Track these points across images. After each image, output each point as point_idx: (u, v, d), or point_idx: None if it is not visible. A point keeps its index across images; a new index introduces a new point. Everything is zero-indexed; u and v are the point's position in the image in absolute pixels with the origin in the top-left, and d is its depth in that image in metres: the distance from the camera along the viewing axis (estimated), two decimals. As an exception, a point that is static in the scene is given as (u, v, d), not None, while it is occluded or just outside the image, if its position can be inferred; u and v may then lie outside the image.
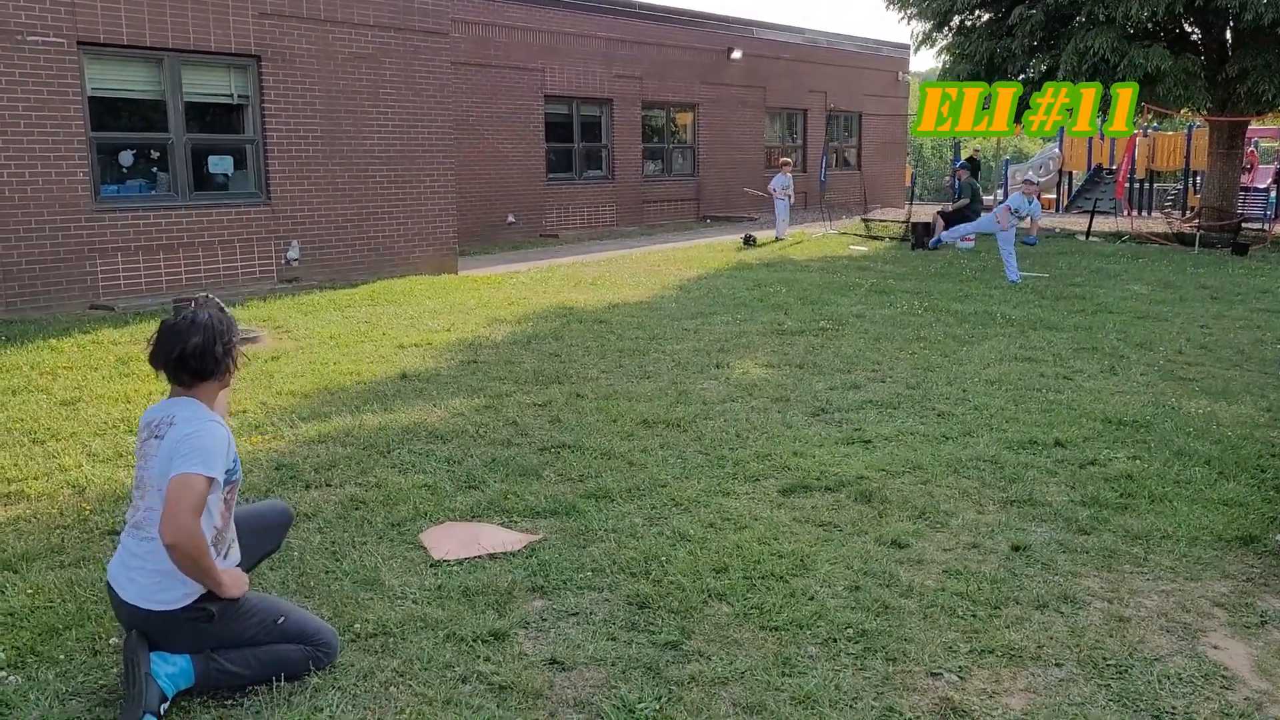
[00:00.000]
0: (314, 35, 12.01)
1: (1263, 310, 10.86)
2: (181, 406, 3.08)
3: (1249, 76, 17.23)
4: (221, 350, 3.10)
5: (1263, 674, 3.34)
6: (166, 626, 3.03)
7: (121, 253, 10.69)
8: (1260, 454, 5.64)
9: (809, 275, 13.58)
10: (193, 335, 3.05)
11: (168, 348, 3.07)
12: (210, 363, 3.08)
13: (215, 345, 3.08)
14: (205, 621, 3.04)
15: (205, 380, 3.11)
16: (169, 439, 3.00)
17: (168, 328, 3.10)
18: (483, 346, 8.57)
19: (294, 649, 3.15)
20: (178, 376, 3.10)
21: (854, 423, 6.24)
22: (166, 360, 3.08)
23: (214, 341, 3.08)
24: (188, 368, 3.07)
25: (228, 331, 3.14)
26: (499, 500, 4.83)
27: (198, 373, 3.08)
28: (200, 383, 3.11)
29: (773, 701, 3.09)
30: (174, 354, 3.06)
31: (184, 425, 3.01)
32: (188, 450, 2.94)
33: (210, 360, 3.08)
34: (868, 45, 29.33)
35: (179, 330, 3.07)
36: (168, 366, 3.09)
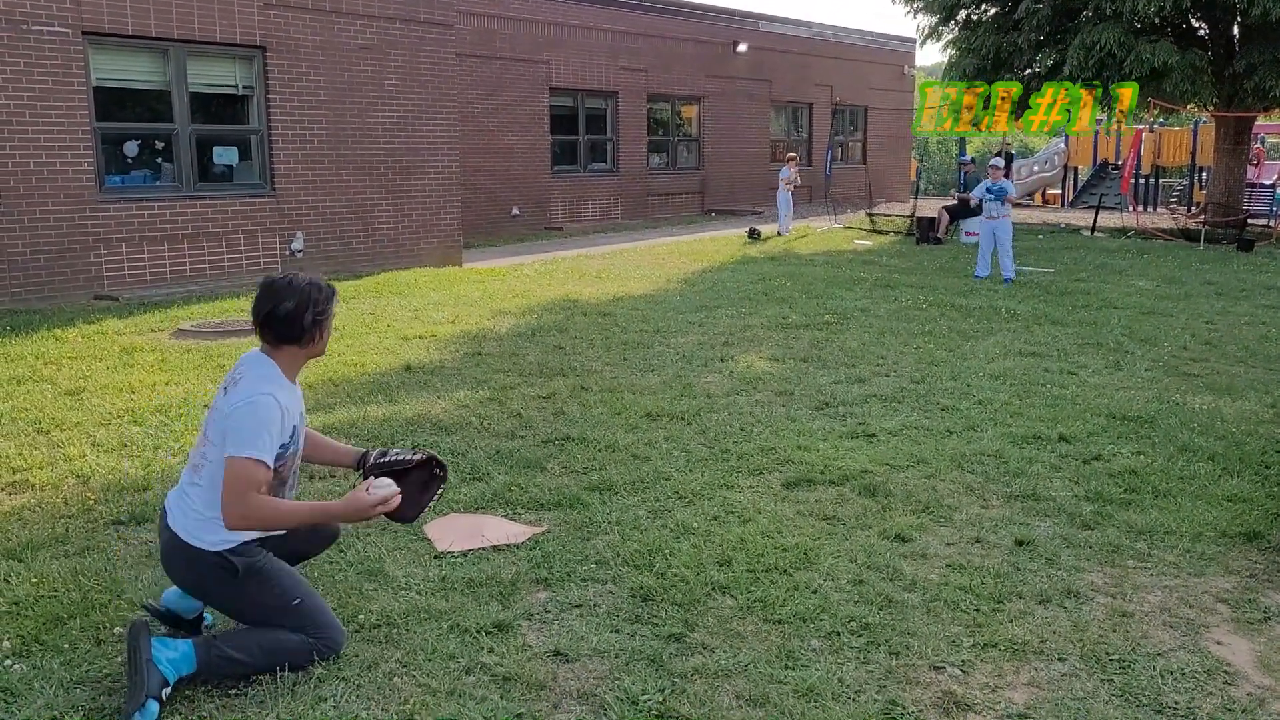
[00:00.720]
0: (319, 26, 12.00)
1: (1268, 306, 10.84)
2: (253, 365, 3.20)
3: (1256, 72, 17.19)
4: (310, 319, 3.18)
5: (1265, 670, 3.34)
6: (194, 563, 3.13)
7: (126, 243, 10.70)
8: (1265, 450, 5.63)
9: (813, 269, 13.56)
10: (287, 298, 3.15)
11: (260, 305, 3.18)
12: (296, 329, 3.17)
13: (305, 313, 3.16)
14: (229, 574, 3.10)
15: (287, 343, 3.20)
16: (230, 398, 3.11)
17: (266, 285, 3.21)
18: (487, 339, 8.57)
19: (297, 639, 3.15)
20: (263, 334, 3.21)
21: (858, 417, 6.24)
22: (258, 314, 3.19)
23: (305, 309, 3.16)
24: (273, 329, 3.17)
25: (323, 301, 3.22)
26: (503, 492, 4.83)
27: (282, 335, 3.18)
28: (282, 344, 3.20)
29: (776, 694, 3.09)
30: (264, 312, 3.17)
31: (243, 391, 3.10)
32: (238, 427, 3.03)
33: (297, 326, 3.16)
34: (874, 39, 29.27)
35: (276, 290, 3.18)
36: (256, 321, 3.21)
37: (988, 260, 12.70)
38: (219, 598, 3.21)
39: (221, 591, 3.17)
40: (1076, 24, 18.00)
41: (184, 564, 3.15)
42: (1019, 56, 18.96)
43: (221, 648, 3.08)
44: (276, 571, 3.20)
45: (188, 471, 3.24)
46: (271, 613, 3.14)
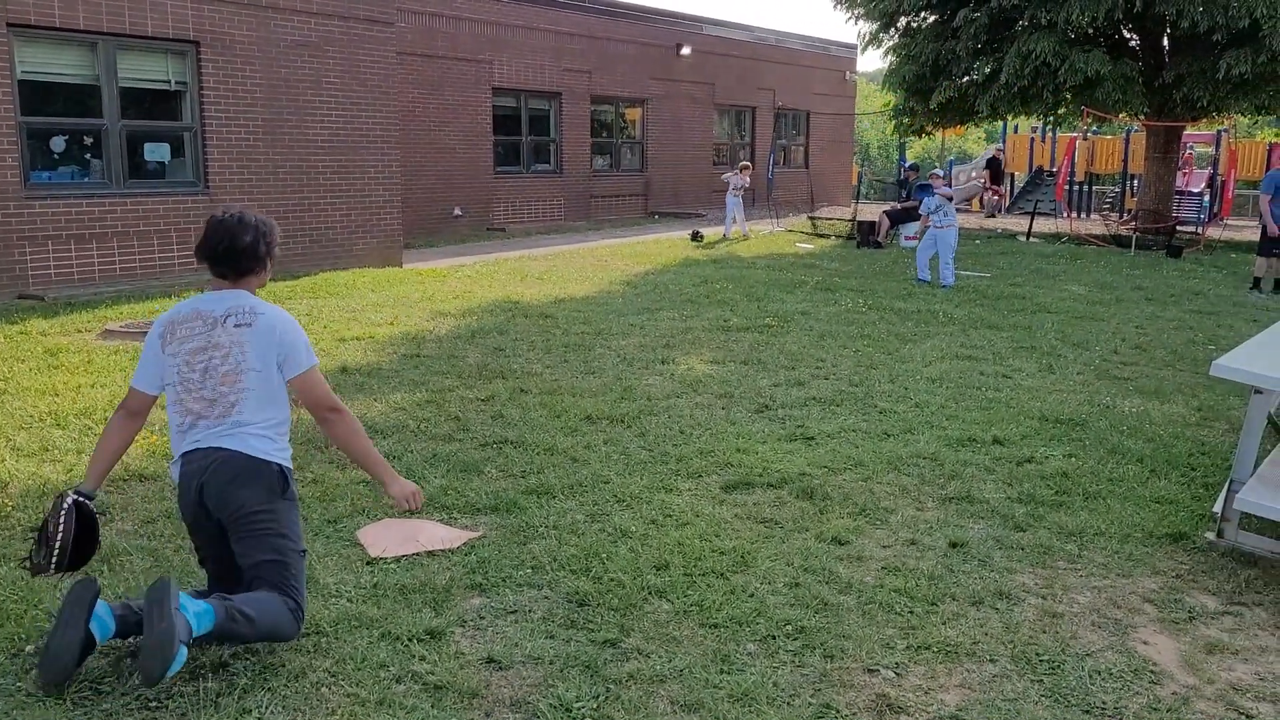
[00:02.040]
0: (255, 22, 11.78)
1: (1195, 311, 11.12)
2: (247, 298, 3.29)
3: (1185, 82, 17.62)
4: (265, 249, 3.32)
5: (1190, 669, 3.40)
6: (257, 474, 3.18)
7: (52, 241, 10.40)
8: (1191, 452, 5.76)
9: (755, 272, 13.63)
10: (244, 233, 3.26)
11: (216, 240, 3.25)
12: (256, 261, 3.30)
13: (260, 245, 3.30)
14: (284, 485, 3.24)
15: (247, 276, 3.32)
16: (263, 326, 3.23)
17: (217, 222, 3.28)
18: (426, 340, 8.47)
19: (288, 611, 3.16)
20: (222, 270, 3.28)
21: (797, 420, 6.27)
22: (213, 252, 3.26)
23: (260, 242, 3.30)
24: (234, 263, 3.27)
25: (271, 233, 3.37)
26: (439, 496, 4.77)
27: (244, 268, 3.29)
28: (242, 278, 3.31)
29: (710, 699, 3.08)
30: (222, 246, 3.25)
31: (273, 315, 3.26)
32: (294, 344, 3.26)
33: (256, 259, 3.30)
34: (816, 44, 29.52)
35: (229, 226, 3.26)
36: (214, 258, 3.27)
37: (926, 264, 12.83)
38: (263, 514, 3.19)
39: (270, 506, 3.20)
40: (1013, 33, 18.30)
41: (243, 478, 3.16)
42: (957, 64, 19.22)
43: (237, 605, 3.06)
44: (295, 513, 3.34)
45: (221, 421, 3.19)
46: (285, 550, 3.22)
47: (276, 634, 3.17)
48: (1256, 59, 15.96)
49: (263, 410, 3.23)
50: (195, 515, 3.25)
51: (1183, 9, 16.15)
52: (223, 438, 3.19)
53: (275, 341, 3.22)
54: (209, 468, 3.17)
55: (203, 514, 3.22)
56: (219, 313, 3.25)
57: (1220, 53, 16.61)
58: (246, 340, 3.21)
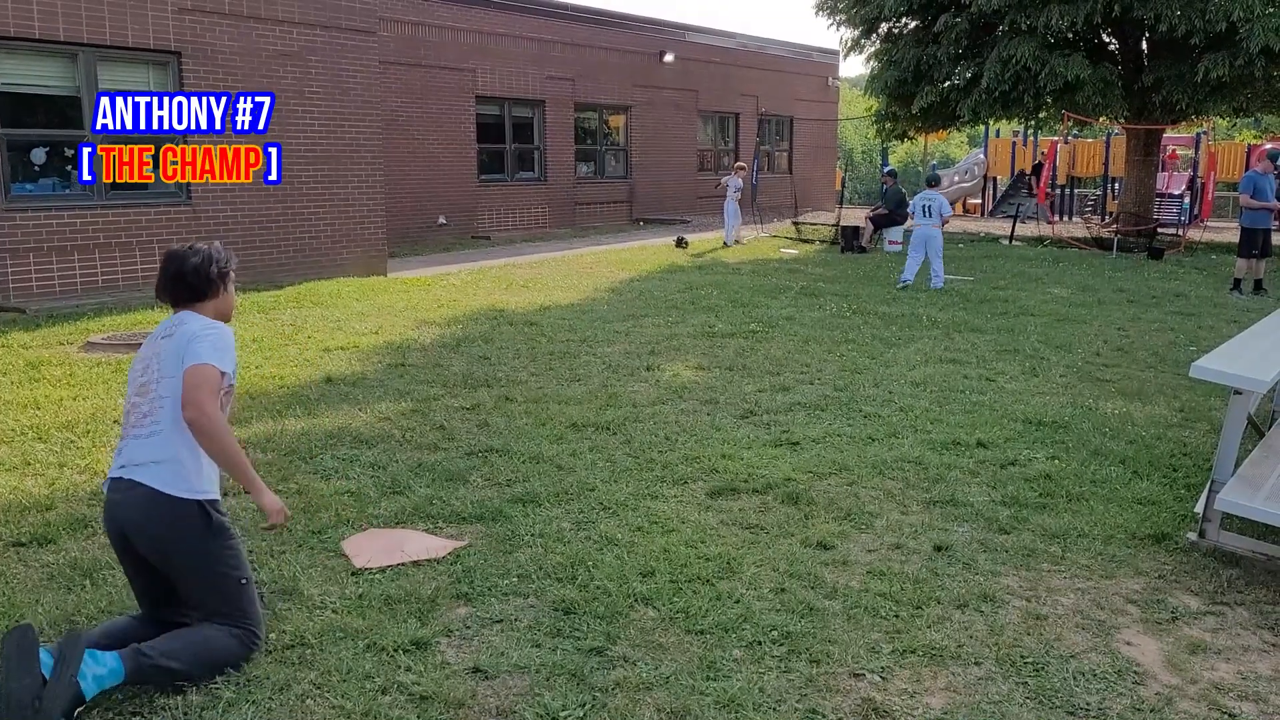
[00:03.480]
0: (236, 32, 11.75)
1: (1176, 313, 11.19)
2: (189, 316, 3.32)
3: (1163, 86, 17.76)
4: (216, 271, 3.38)
5: (1173, 669, 3.42)
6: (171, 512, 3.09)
7: (34, 253, 10.34)
8: (1173, 453, 5.80)
9: (740, 278, 13.66)
10: (191, 257, 3.36)
11: (166, 267, 3.35)
12: (205, 281, 3.35)
13: (210, 266, 3.36)
14: (206, 519, 3.13)
15: (201, 300, 3.36)
16: (179, 336, 3.23)
17: (170, 253, 3.39)
18: (411, 349, 8.45)
19: (225, 641, 3.13)
20: (175, 295, 3.35)
21: (782, 425, 6.28)
22: (165, 279, 3.35)
23: (209, 263, 3.37)
24: (185, 285, 3.33)
25: (224, 260, 3.44)
26: (424, 506, 4.76)
27: (195, 290, 3.34)
28: (196, 302, 3.35)
29: (697, 706, 3.08)
30: (171, 272, 3.33)
31: (195, 324, 3.27)
32: (202, 343, 3.17)
33: (205, 279, 3.35)
34: (798, 51, 29.64)
35: (179, 254, 3.38)
36: (166, 286, 3.35)
37: (915, 268, 12.92)
38: (185, 554, 3.13)
39: (190, 546, 3.13)
40: (993, 38, 18.42)
41: (159, 518, 3.10)
42: (939, 69, 19.33)
43: (152, 657, 3.00)
44: (235, 539, 3.26)
45: (130, 442, 3.19)
46: (220, 582, 3.18)
47: (219, 665, 3.12)
48: (1234, 62, 16.09)
49: (180, 424, 3.13)
50: (121, 548, 3.22)
51: (1161, 13, 16.29)
52: (139, 469, 3.13)
53: (185, 345, 3.18)
54: (128, 507, 3.12)
55: (128, 546, 3.18)
56: (162, 329, 3.32)
57: (1198, 56, 16.75)
58: (164, 350, 3.23)
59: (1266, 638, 3.68)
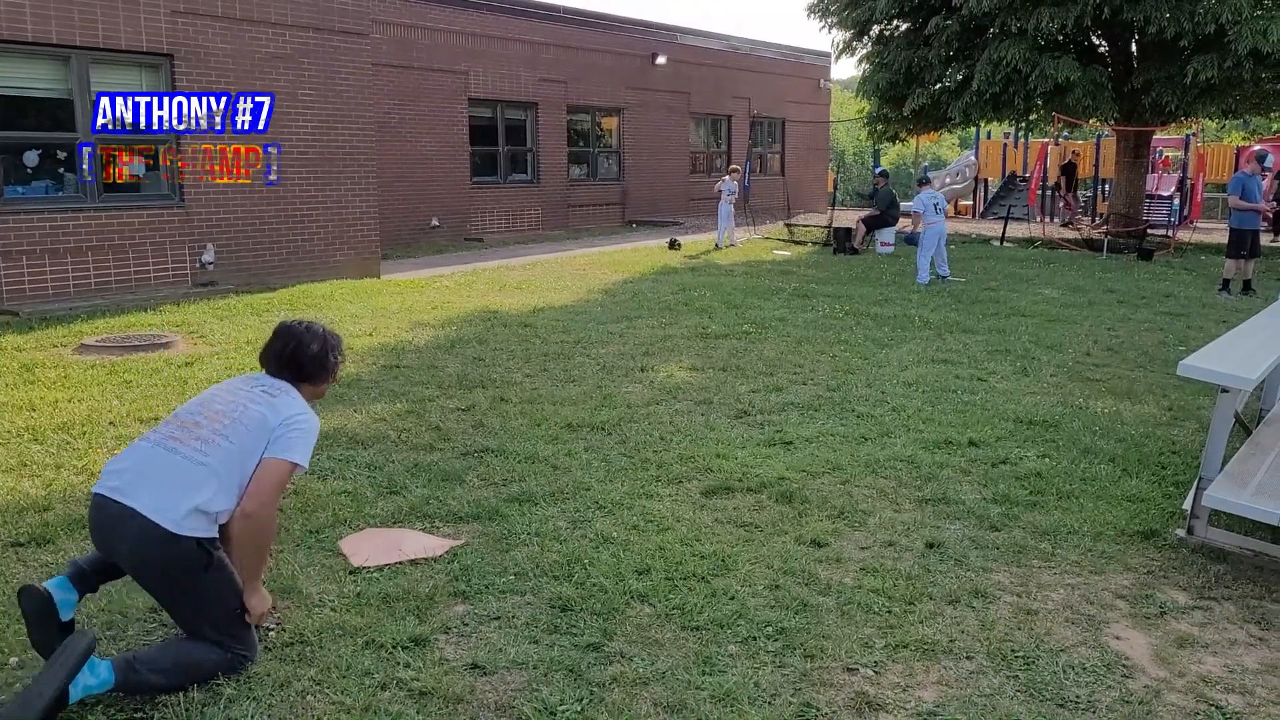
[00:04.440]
0: (229, 34, 11.76)
1: (1166, 313, 11.28)
2: (291, 391, 3.35)
3: (1153, 88, 17.88)
4: (333, 362, 3.47)
5: (1161, 662, 3.47)
6: (169, 550, 3.01)
7: (27, 256, 10.34)
8: (1162, 451, 5.86)
9: (733, 279, 13.71)
10: (312, 343, 3.40)
11: (283, 346, 3.38)
12: (320, 371, 3.44)
13: (329, 356, 3.45)
14: (204, 558, 3.06)
15: (304, 383, 3.42)
16: (282, 405, 3.24)
17: (288, 330, 3.43)
18: (405, 351, 8.48)
19: (212, 659, 3.11)
20: (281, 373, 3.38)
21: (775, 424, 6.33)
22: (279, 358, 3.38)
23: (328, 352, 3.45)
24: (300, 369, 3.38)
25: (338, 348, 3.51)
26: (421, 505, 4.79)
27: (305, 375, 3.40)
28: (299, 384, 3.40)
29: (693, 700, 3.12)
30: (288, 353, 3.37)
31: (300, 405, 3.29)
32: (298, 435, 3.20)
33: (321, 369, 3.44)
34: (790, 53, 29.73)
35: (298, 335, 3.41)
36: (278, 362, 3.39)
37: (928, 266, 13.49)
38: (178, 588, 3.09)
39: (186, 581, 3.08)
40: (984, 40, 18.51)
41: (157, 554, 3.02)
42: (930, 71, 19.43)
43: (141, 673, 3.01)
44: (232, 571, 3.21)
45: (166, 448, 3.13)
46: (214, 610, 3.13)
47: (206, 680, 3.11)
48: (1222, 64, 16.21)
49: (228, 475, 3.10)
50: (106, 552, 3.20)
51: (1150, 15, 16.39)
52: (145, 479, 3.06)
53: (280, 420, 3.19)
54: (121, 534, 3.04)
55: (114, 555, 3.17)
56: (269, 383, 3.36)
57: (1187, 58, 16.86)
58: (258, 406, 3.23)
59: (1253, 631, 3.73)
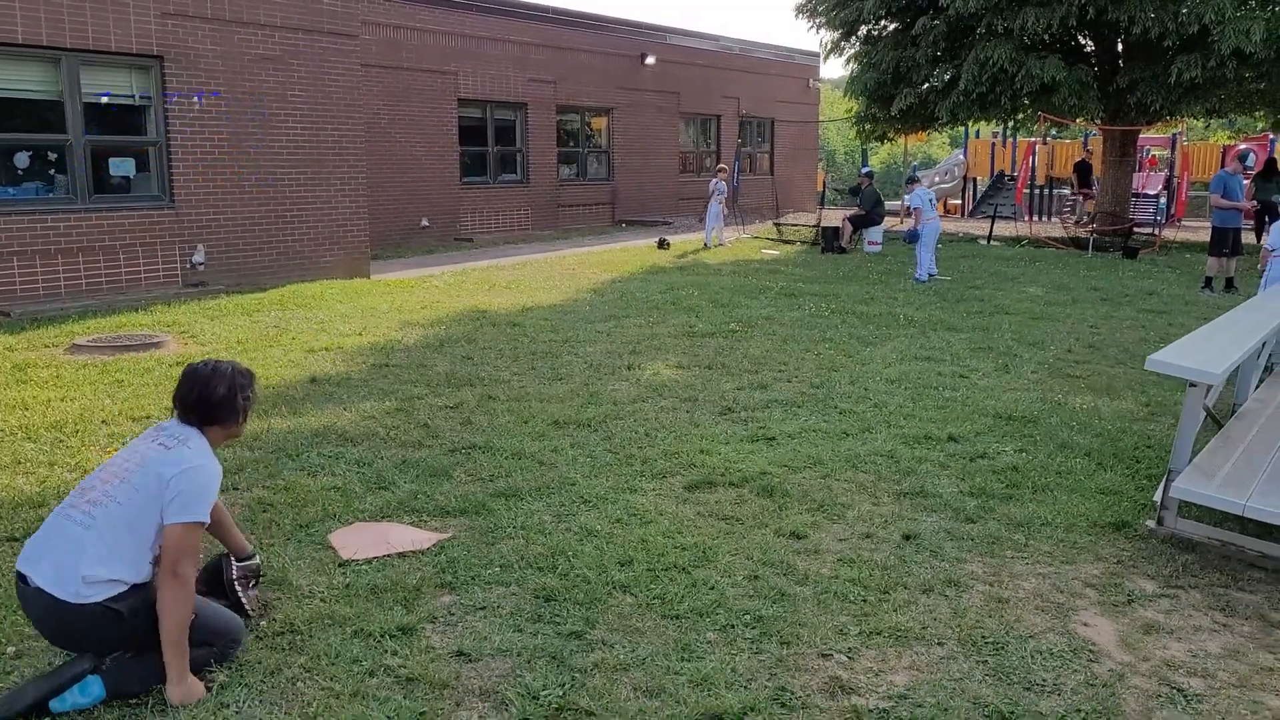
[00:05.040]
0: (219, 36, 11.83)
1: (1148, 311, 11.41)
2: (193, 436, 3.28)
3: (1138, 87, 18.03)
4: (242, 403, 3.37)
5: (1127, 647, 3.58)
6: (72, 620, 3.03)
7: (18, 257, 10.39)
8: (1137, 445, 5.98)
9: (721, 279, 13.82)
10: (219, 385, 3.31)
11: (189, 390, 3.30)
12: (229, 413, 3.34)
13: (237, 398, 3.34)
14: (113, 621, 3.04)
15: (213, 425, 3.33)
16: (176, 456, 3.16)
17: (194, 374, 3.33)
18: (395, 350, 8.57)
19: (200, 653, 3.17)
20: (188, 418, 3.30)
21: (759, 421, 6.43)
22: (187, 401, 3.30)
23: (236, 394, 3.34)
24: (207, 412, 3.29)
25: (250, 385, 3.42)
26: (409, 500, 4.88)
27: (211, 418, 3.31)
28: (208, 426, 3.32)
29: (671, 685, 3.22)
30: (194, 397, 3.29)
31: (197, 455, 3.20)
32: (190, 495, 3.10)
33: (230, 410, 3.33)
34: (779, 53, 29.85)
35: (205, 378, 3.32)
36: (186, 406, 3.30)
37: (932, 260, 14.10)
38: (108, 643, 3.11)
39: (113, 638, 3.09)
40: (971, 40, 18.64)
41: (66, 625, 3.05)
42: (917, 71, 19.56)
43: (132, 680, 3.09)
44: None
45: (65, 517, 3.10)
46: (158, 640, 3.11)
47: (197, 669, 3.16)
48: (1206, 64, 16.36)
49: (118, 535, 3.05)
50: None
51: (1134, 15, 16.53)
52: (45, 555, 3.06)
53: (173, 474, 3.09)
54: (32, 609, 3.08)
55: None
56: (169, 430, 3.28)
57: (1171, 58, 17.02)
58: (150, 458, 3.15)
59: (1217, 618, 3.85)
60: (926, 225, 13.88)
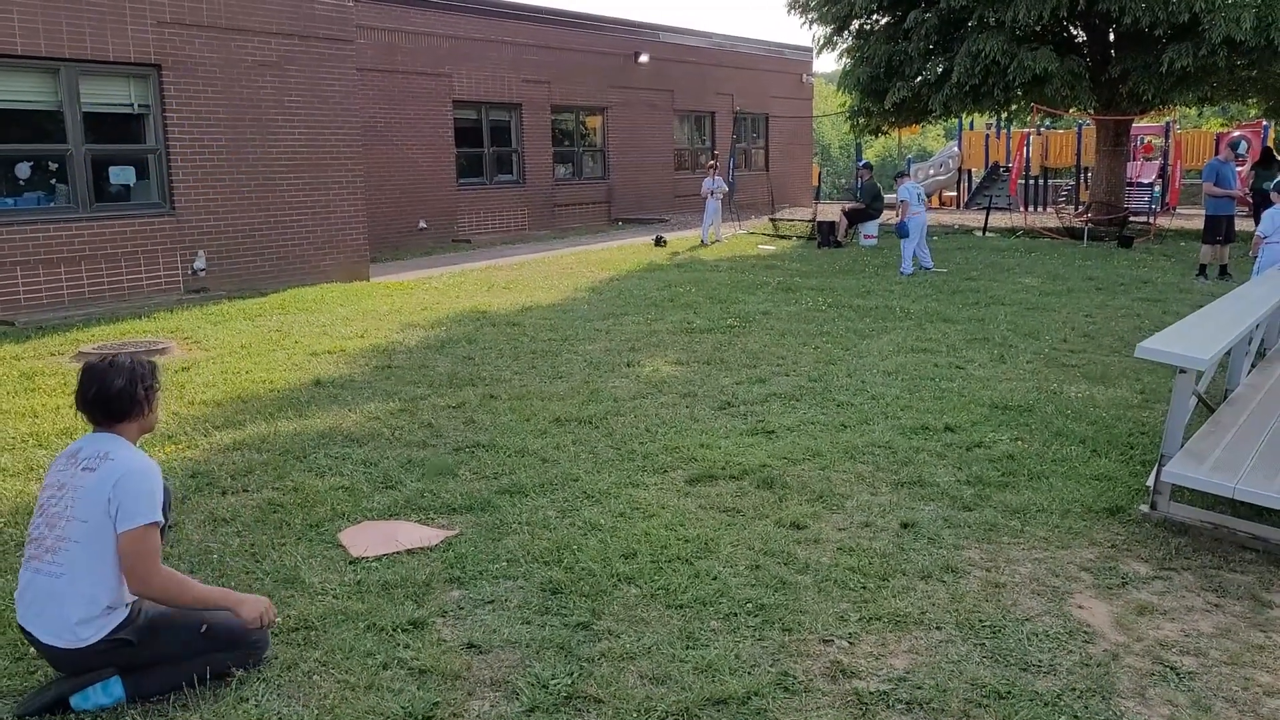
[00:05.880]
0: (215, 44, 11.91)
1: (1143, 299, 11.50)
2: (111, 443, 3.16)
3: (1130, 77, 18.12)
4: (143, 392, 3.19)
5: (1121, 629, 3.67)
6: (86, 661, 3.09)
7: (21, 266, 10.48)
8: (1131, 432, 6.07)
9: (718, 275, 13.90)
10: (115, 378, 3.14)
11: (86, 387, 3.16)
12: (131, 405, 3.17)
13: (136, 388, 3.17)
14: (126, 649, 3.10)
15: (124, 421, 3.20)
16: (104, 474, 3.06)
17: (90, 371, 3.18)
18: (396, 352, 8.65)
19: (218, 658, 3.23)
20: (94, 417, 3.19)
21: (758, 415, 6.52)
22: (86, 399, 3.16)
23: (135, 384, 3.16)
24: (110, 409, 3.15)
25: (150, 378, 3.24)
26: (415, 499, 4.97)
27: (120, 414, 3.17)
28: (118, 424, 3.19)
29: (677, 672, 3.31)
30: (92, 394, 3.14)
31: (122, 462, 3.09)
32: (135, 499, 3.03)
33: (131, 402, 3.17)
34: (772, 48, 29.93)
35: (100, 373, 3.16)
36: (87, 406, 3.18)
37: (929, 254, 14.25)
38: (129, 666, 3.15)
39: (132, 663, 3.14)
40: (963, 33, 18.73)
41: (83, 665, 3.09)
42: (910, 64, 19.64)
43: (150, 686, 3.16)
44: (166, 615, 3.21)
45: (33, 571, 3.10)
46: (184, 650, 3.19)
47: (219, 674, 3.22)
48: (1197, 52, 16.45)
49: (90, 569, 3.03)
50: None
51: (1125, 5, 16.63)
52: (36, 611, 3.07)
53: (109, 491, 3.03)
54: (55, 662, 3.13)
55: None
56: (82, 453, 3.17)
57: (1163, 47, 17.11)
58: (83, 486, 3.07)
59: (1210, 599, 3.94)
60: (913, 219, 13.95)
